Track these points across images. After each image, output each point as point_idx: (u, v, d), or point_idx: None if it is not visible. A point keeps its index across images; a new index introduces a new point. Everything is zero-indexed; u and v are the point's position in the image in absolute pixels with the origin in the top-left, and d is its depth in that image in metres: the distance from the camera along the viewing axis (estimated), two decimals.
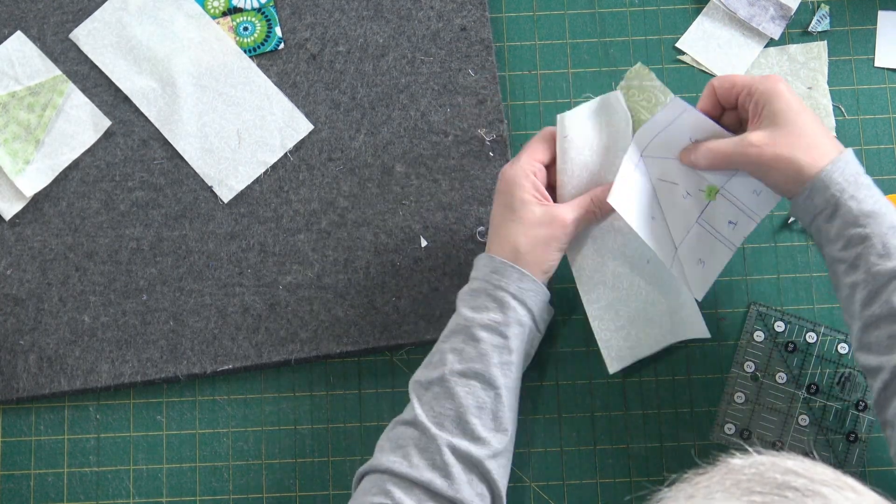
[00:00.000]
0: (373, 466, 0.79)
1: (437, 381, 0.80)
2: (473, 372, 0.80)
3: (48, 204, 0.97)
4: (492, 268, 0.83)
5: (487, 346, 0.81)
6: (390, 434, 0.81)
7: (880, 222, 0.77)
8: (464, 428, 0.79)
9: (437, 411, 0.79)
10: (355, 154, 0.97)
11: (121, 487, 0.93)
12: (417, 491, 0.77)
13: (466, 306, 0.83)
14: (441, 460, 0.78)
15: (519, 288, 0.82)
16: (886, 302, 0.76)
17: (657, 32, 1.00)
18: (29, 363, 0.94)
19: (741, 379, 0.93)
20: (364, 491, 0.78)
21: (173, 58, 0.98)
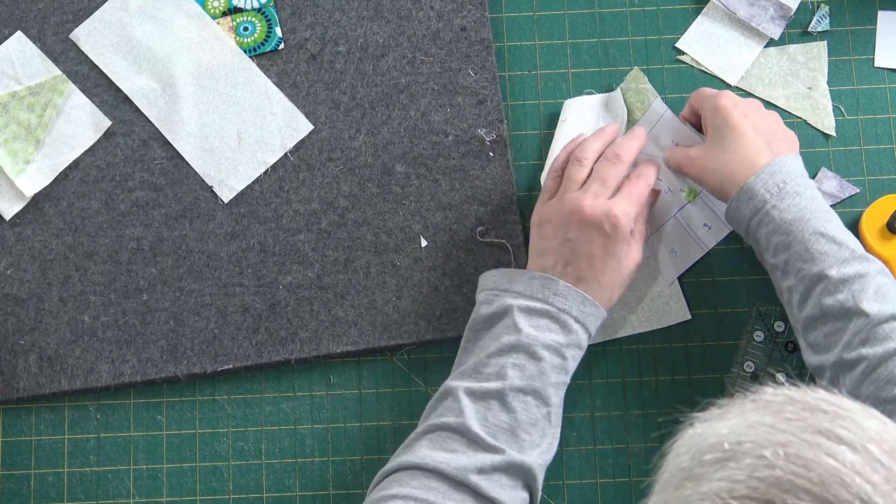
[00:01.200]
0: (412, 463, 0.78)
1: (495, 393, 0.80)
2: (532, 389, 0.81)
3: (48, 204, 0.97)
4: (555, 290, 0.83)
5: (548, 366, 0.82)
6: (431, 436, 0.80)
7: (802, 228, 0.81)
8: (516, 442, 0.80)
9: (491, 422, 0.80)
10: (355, 154, 0.97)
11: (121, 487, 0.93)
12: (463, 491, 0.77)
13: (527, 324, 0.82)
14: (490, 466, 0.78)
15: (582, 312, 0.84)
16: (817, 303, 0.80)
17: (657, 32, 1.00)
18: (29, 363, 0.94)
19: (741, 379, 0.93)
20: (400, 482, 0.78)
21: (173, 58, 0.98)
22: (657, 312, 0.94)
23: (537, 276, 0.84)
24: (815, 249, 0.81)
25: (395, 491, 0.77)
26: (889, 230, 0.92)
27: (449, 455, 0.78)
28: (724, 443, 0.50)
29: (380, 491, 0.78)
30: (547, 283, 0.84)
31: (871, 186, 0.96)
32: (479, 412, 0.80)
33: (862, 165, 0.97)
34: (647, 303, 0.94)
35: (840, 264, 0.80)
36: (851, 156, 0.97)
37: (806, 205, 0.82)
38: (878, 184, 0.97)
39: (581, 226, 0.85)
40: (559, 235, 0.86)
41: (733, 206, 0.85)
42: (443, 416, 0.81)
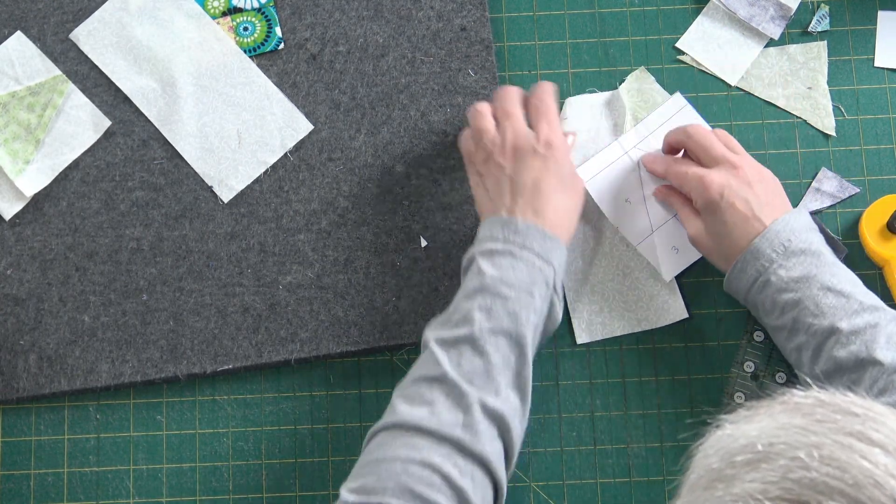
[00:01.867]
0: (394, 422, 0.78)
1: (465, 338, 0.80)
2: (502, 329, 0.80)
3: (48, 204, 0.97)
4: (514, 229, 0.83)
5: (515, 305, 0.81)
6: (408, 391, 0.80)
7: (810, 285, 0.82)
8: (492, 385, 0.79)
9: (466, 368, 0.79)
10: (355, 154, 0.97)
11: (121, 487, 0.93)
12: (447, 446, 0.76)
13: (490, 266, 0.82)
14: (470, 417, 0.77)
15: (543, 247, 0.83)
16: (830, 357, 0.81)
17: (657, 32, 1.00)
18: (29, 363, 0.94)
19: (741, 379, 0.93)
20: (384, 445, 0.77)
21: (173, 58, 0.98)
22: (656, 311, 0.94)
23: (496, 221, 0.85)
24: (825, 304, 0.81)
25: (380, 454, 0.76)
26: (889, 230, 0.92)
27: (428, 408, 0.77)
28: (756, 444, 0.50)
29: (367, 455, 0.78)
30: (506, 223, 0.84)
31: (871, 186, 0.96)
32: (453, 359, 0.79)
33: (862, 165, 0.97)
34: (647, 302, 0.94)
35: (850, 316, 0.81)
36: (851, 156, 0.97)
37: (812, 261, 0.83)
38: (878, 184, 0.97)
39: (516, 157, 0.86)
40: (501, 178, 0.87)
41: (738, 268, 0.85)
42: (419, 370, 0.81)
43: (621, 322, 0.94)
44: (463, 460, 0.76)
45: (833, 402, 0.51)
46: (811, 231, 0.85)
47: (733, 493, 0.49)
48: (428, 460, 0.75)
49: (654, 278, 0.94)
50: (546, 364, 0.94)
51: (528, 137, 0.87)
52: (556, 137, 0.87)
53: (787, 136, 0.98)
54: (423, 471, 0.74)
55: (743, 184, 0.86)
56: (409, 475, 0.74)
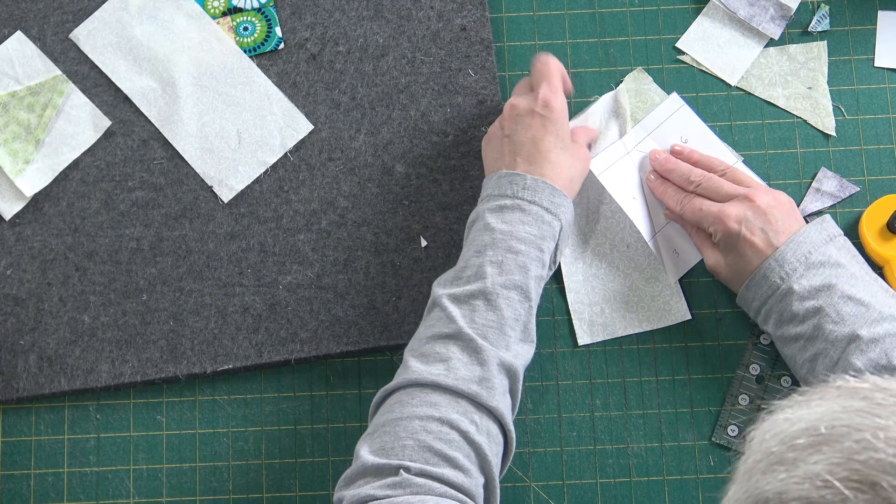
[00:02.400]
0: (410, 380, 0.79)
1: (478, 293, 0.81)
2: (513, 284, 0.82)
3: (48, 204, 0.97)
4: (522, 185, 0.84)
5: (526, 259, 0.82)
6: (422, 350, 0.81)
7: (831, 294, 0.83)
8: (504, 339, 0.80)
9: (480, 323, 0.80)
10: (355, 154, 0.97)
11: (121, 487, 0.93)
12: (464, 402, 0.78)
13: (499, 221, 0.83)
14: (487, 371, 0.79)
15: (552, 202, 0.84)
16: (848, 365, 0.81)
17: (657, 32, 1.00)
18: (29, 363, 0.94)
19: (746, 381, 0.93)
20: (402, 403, 0.78)
21: (173, 58, 0.98)
22: (657, 312, 0.94)
23: (504, 175, 0.86)
24: (846, 312, 0.82)
25: (398, 413, 0.77)
26: (889, 230, 0.92)
27: (444, 365, 0.79)
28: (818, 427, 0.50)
29: (384, 414, 0.79)
30: (513, 178, 0.85)
31: (871, 186, 0.96)
32: (466, 315, 0.80)
33: (862, 165, 0.97)
34: (647, 303, 0.94)
35: (870, 324, 0.82)
36: (851, 156, 0.97)
37: (832, 272, 0.84)
38: (878, 184, 0.97)
39: (514, 118, 0.88)
40: (499, 139, 0.89)
41: (759, 275, 0.86)
42: (433, 328, 0.81)
43: (623, 323, 0.94)
44: (479, 415, 0.78)
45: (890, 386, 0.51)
46: (829, 243, 0.86)
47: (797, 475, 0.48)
48: (446, 417, 0.76)
49: (656, 279, 0.94)
50: (546, 364, 0.94)
51: (527, 99, 0.88)
52: (554, 99, 0.88)
53: (787, 136, 0.98)
54: (441, 427, 0.76)
55: (759, 214, 0.87)
56: (428, 432, 0.76)
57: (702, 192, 0.91)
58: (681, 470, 0.92)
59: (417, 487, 0.73)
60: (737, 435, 0.92)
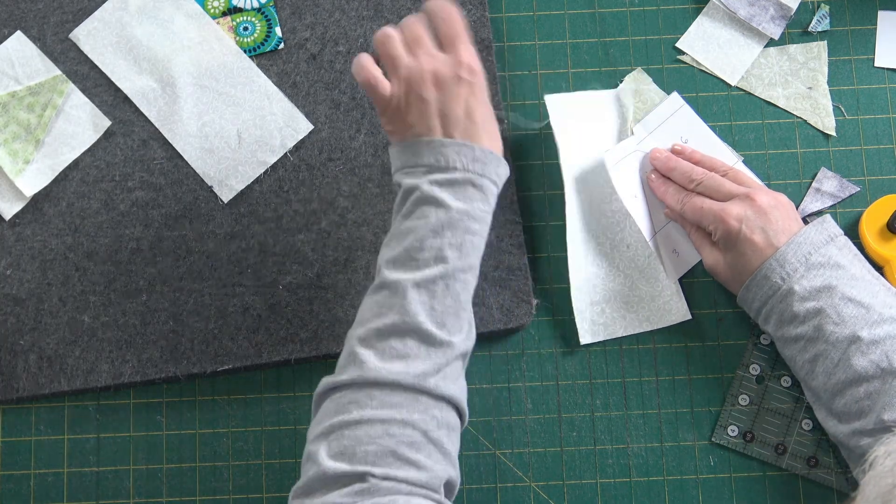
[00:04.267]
0: (368, 379, 0.75)
1: (439, 277, 0.77)
2: (469, 265, 0.79)
3: (48, 204, 0.97)
4: (472, 157, 0.79)
5: (479, 239, 0.80)
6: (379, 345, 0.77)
7: (832, 295, 0.83)
8: (459, 323, 0.78)
9: (437, 310, 0.77)
10: (355, 154, 0.97)
11: (121, 487, 0.93)
12: (424, 398, 0.75)
13: (452, 197, 0.79)
14: (444, 362, 0.77)
15: (497, 174, 0.81)
16: (848, 366, 0.82)
17: (657, 32, 1.00)
18: (29, 363, 0.94)
19: (746, 381, 0.93)
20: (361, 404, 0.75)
21: (173, 58, 0.98)
22: (657, 312, 0.94)
23: (448, 144, 0.79)
24: (846, 313, 0.83)
25: (358, 415, 0.74)
26: (889, 230, 0.92)
27: (403, 363, 0.76)
28: None
29: (338, 415, 0.75)
30: (461, 149, 0.79)
31: (871, 186, 0.96)
32: (425, 303, 0.77)
33: (862, 165, 0.97)
34: (647, 303, 0.94)
35: (870, 326, 0.82)
36: (851, 156, 0.97)
37: (832, 273, 0.84)
38: (878, 184, 0.97)
39: (440, 86, 0.80)
40: (419, 106, 0.80)
41: (760, 275, 0.86)
42: (385, 317, 0.77)
43: (623, 323, 0.94)
44: (437, 409, 0.76)
45: None
46: (830, 244, 0.86)
47: None
48: (408, 419, 0.74)
49: (656, 279, 0.94)
50: (546, 364, 0.94)
51: (449, 64, 0.80)
52: (475, 62, 0.81)
53: (787, 136, 0.98)
54: (403, 430, 0.74)
55: (759, 214, 0.87)
56: (391, 436, 0.73)
57: (703, 191, 0.91)
58: (681, 470, 0.92)
59: (385, 491, 0.72)
60: (737, 435, 0.92)
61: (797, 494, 0.91)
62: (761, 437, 0.92)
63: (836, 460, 0.91)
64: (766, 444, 0.92)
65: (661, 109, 0.96)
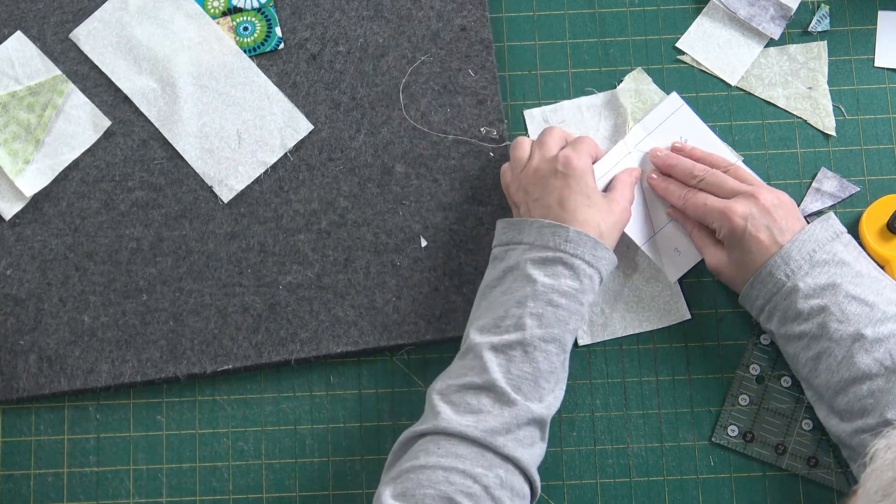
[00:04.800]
0: (439, 428, 0.79)
1: (516, 343, 0.82)
2: (552, 336, 0.82)
3: (48, 204, 0.97)
4: (565, 237, 0.84)
5: (565, 313, 0.83)
6: (454, 398, 0.81)
7: (836, 292, 0.83)
8: (538, 392, 0.81)
9: (514, 374, 0.81)
10: (355, 154, 0.97)
11: (121, 487, 0.93)
12: (490, 455, 0.78)
13: (541, 273, 0.84)
14: (516, 425, 0.80)
15: (594, 256, 0.85)
16: (851, 364, 0.82)
17: (657, 32, 1.00)
18: (29, 363, 0.94)
19: (746, 381, 0.93)
20: (428, 451, 0.79)
21: (173, 58, 0.98)
22: (657, 312, 0.94)
23: (547, 225, 0.85)
24: (850, 311, 0.82)
25: (424, 461, 0.78)
26: (889, 230, 0.92)
27: (475, 417, 0.79)
28: None
29: (408, 461, 0.79)
30: (557, 230, 0.85)
31: (871, 186, 0.96)
32: (502, 365, 0.81)
33: (862, 165, 0.97)
34: (648, 303, 0.94)
35: (874, 324, 0.82)
36: (851, 156, 0.97)
37: (836, 271, 0.84)
38: (878, 184, 0.97)
39: (538, 181, 0.88)
40: (528, 204, 0.88)
41: (764, 273, 0.85)
42: (466, 376, 0.82)
43: (623, 323, 0.94)
44: (503, 469, 0.78)
45: None
46: (835, 241, 0.86)
47: None
48: (470, 471, 0.77)
49: (656, 279, 0.94)
50: None
51: (550, 160, 0.88)
52: (576, 158, 0.88)
53: (787, 136, 0.98)
54: (464, 480, 0.77)
55: (764, 212, 0.87)
56: (451, 483, 0.76)
57: (705, 188, 0.91)
58: (681, 470, 0.92)
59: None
60: (737, 435, 0.92)
61: (797, 494, 0.91)
62: (761, 437, 0.92)
63: (836, 460, 0.91)
64: (766, 444, 0.92)
65: (661, 109, 0.96)
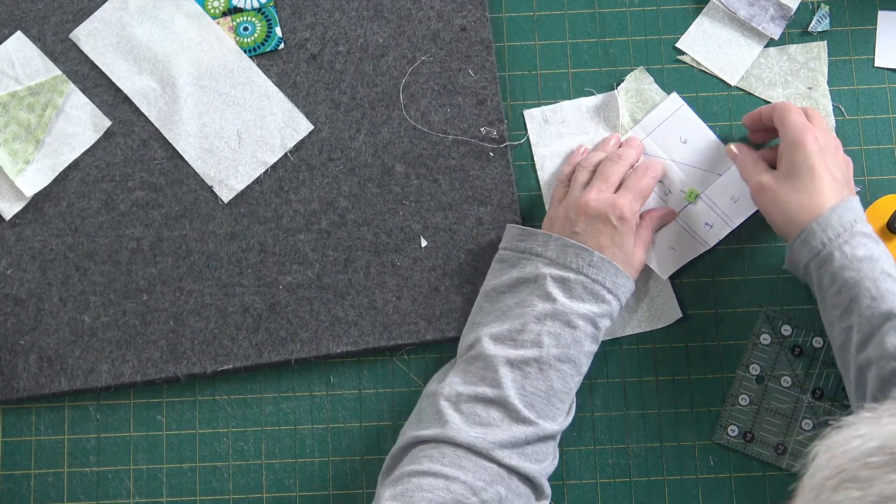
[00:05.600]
0: (447, 437, 0.80)
1: (532, 361, 0.82)
2: (567, 357, 0.83)
3: (48, 204, 0.97)
4: (589, 261, 0.85)
5: (582, 335, 0.84)
6: (464, 407, 0.81)
7: (873, 267, 0.81)
8: (550, 410, 0.82)
9: (528, 391, 0.82)
10: (355, 154, 0.97)
11: (121, 487, 0.93)
12: (495, 468, 0.79)
13: (561, 294, 0.84)
14: (524, 441, 0.81)
15: (615, 283, 0.86)
16: (879, 344, 0.79)
17: (657, 32, 1.00)
18: (29, 363, 0.94)
19: (746, 381, 0.93)
20: (432, 458, 0.79)
21: (173, 58, 0.98)
22: (656, 313, 0.94)
23: (570, 245, 0.86)
24: (885, 288, 0.80)
25: (427, 467, 0.78)
26: (889, 230, 0.92)
27: (483, 430, 0.80)
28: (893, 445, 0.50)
29: (411, 464, 0.79)
30: (581, 252, 0.86)
31: (871, 186, 0.96)
32: (517, 381, 0.82)
33: (862, 165, 0.97)
34: (647, 303, 0.94)
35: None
36: (851, 156, 0.97)
37: (874, 246, 0.82)
38: (878, 184, 0.97)
39: (587, 218, 0.87)
40: (567, 230, 0.88)
41: (802, 238, 0.83)
42: (477, 386, 0.82)
43: (623, 323, 0.94)
44: (504, 487, 0.79)
45: None
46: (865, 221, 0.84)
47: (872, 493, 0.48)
48: (471, 483, 0.78)
49: (654, 280, 0.94)
50: None
51: (606, 205, 0.87)
52: (629, 211, 0.87)
53: None
54: (464, 491, 0.78)
55: (836, 153, 0.86)
56: (450, 492, 0.77)
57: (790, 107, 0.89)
58: (681, 470, 0.92)
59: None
60: (737, 435, 0.92)
61: None
62: (761, 437, 0.92)
63: None
64: (766, 444, 0.92)
65: (661, 110, 0.96)
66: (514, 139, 0.98)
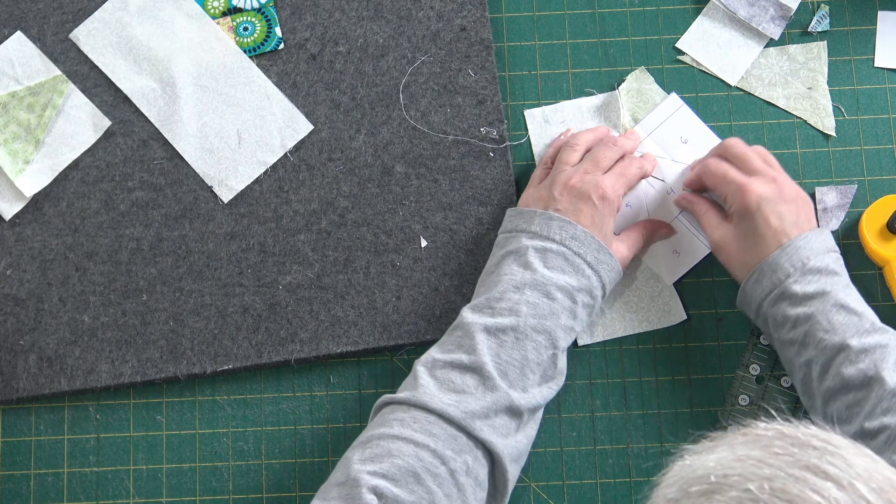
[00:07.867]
0: (418, 402, 0.79)
1: (508, 329, 0.82)
2: (543, 328, 0.82)
3: (48, 204, 0.97)
4: (572, 234, 0.85)
5: (559, 307, 0.83)
6: (439, 373, 0.81)
7: (824, 301, 0.82)
8: (523, 381, 0.81)
9: (503, 358, 0.81)
10: (355, 154, 0.97)
11: (121, 487, 0.93)
12: (463, 438, 0.78)
13: (541, 264, 0.84)
14: (495, 411, 0.80)
15: (596, 259, 0.85)
16: (837, 374, 0.81)
17: (657, 32, 1.00)
18: (29, 363, 0.94)
19: (746, 381, 0.93)
20: (403, 422, 0.78)
21: (173, 58, 0.98)
22: (657, 313, 0.94)
23: (555, 218, 0.86)
24: (837, 321, 0.82)
25: (398, 431, 0.78)
26: (889, 230, 0.92)
27: (457, 396, 0.79)
28: (710, 475, 0.51)
29: (381, 426, 0.79)
30: (564, 225, 0.85)
31: (871, 186, 0.97)
32: (492, 348, 0.81)
33: (862, 165, 0.97)
34: (647, 303, 0.94)
35: (861, 335, 0.81)
36: (851, 156, 0.97)
37: (827, 280, 0.83)
38: (878, 184, 0.97)
39: (571, 198, 0.87)
40: (545, 198, 0.88)
41: (753, 279, 0.85)
42: (454, 353, 0.82)
43: (622, 323, 0.94)
44: (472, 457, 0.78)
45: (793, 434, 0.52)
46: (830, 252, 0.85)
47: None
48: (440, 452, 0.77)
49: (655, 280, 0.94)
50: None
51: (590, 185, 0.87)
52: (611, 190, 0.87)
53: (787, 137, 0.98)
54: (433, 459, 0.77)
55: (780, 199, 0.86)
56: (419, 459, 0.76)
57: (730, 158, 0.90)
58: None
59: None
60: None
61: None
62: None
63: None
64: None
65: (661, 110, 0.97)
66: (515, 139, 0.98)
